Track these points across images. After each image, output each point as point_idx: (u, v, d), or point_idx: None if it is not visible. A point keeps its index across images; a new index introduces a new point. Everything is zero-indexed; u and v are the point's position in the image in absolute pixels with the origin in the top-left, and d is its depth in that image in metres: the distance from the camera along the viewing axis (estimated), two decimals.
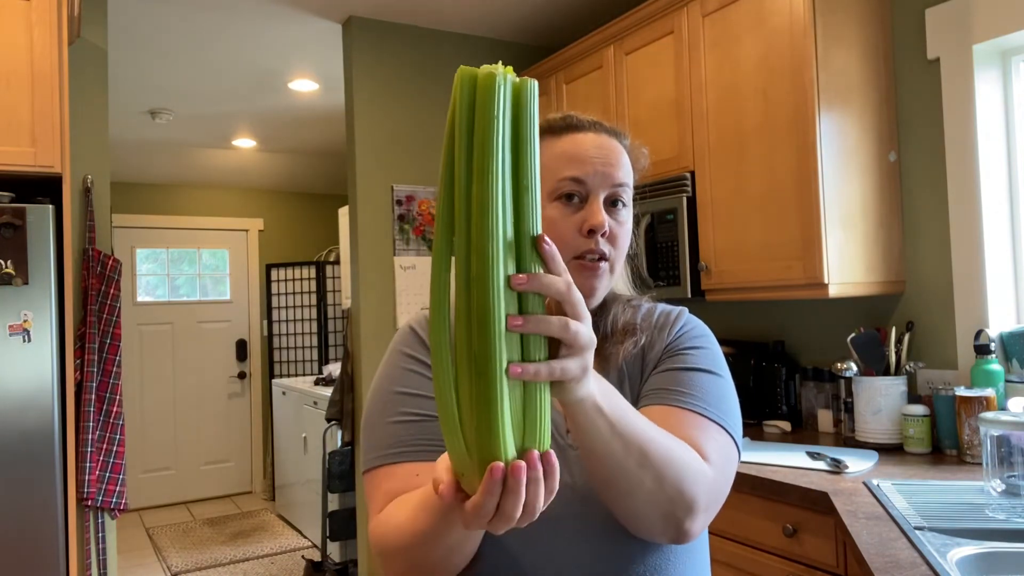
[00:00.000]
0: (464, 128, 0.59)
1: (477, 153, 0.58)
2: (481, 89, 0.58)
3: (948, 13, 2.09)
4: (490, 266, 0.56)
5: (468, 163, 0.58)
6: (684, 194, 2.42)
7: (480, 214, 0.57)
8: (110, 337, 2.59)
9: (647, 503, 0.75)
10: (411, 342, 0.94)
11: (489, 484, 0.56)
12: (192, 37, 3.31)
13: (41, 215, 2.08)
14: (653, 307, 1.00)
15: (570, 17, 3.29)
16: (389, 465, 0.86)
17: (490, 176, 0.57)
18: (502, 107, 0.58)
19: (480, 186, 0.57)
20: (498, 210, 0.57)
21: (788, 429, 2.39)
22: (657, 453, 0.73)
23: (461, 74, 0.59)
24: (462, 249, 0.58)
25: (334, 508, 3.86)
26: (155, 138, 4.88)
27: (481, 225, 0.57)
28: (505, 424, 0.55)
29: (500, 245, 0.57)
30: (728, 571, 1.93)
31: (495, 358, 0.55)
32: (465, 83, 0.59)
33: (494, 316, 0.56)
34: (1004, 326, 2.02)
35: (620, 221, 0.92)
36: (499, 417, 0.55)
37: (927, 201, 2.16)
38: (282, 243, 6.32)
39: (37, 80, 2.08)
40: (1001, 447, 1.53)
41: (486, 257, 0.56)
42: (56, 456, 2.07)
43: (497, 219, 0.57)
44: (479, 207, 0.57)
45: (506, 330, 0.56)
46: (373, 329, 3.17)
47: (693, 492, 0.76)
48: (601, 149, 0.92)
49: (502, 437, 0.55)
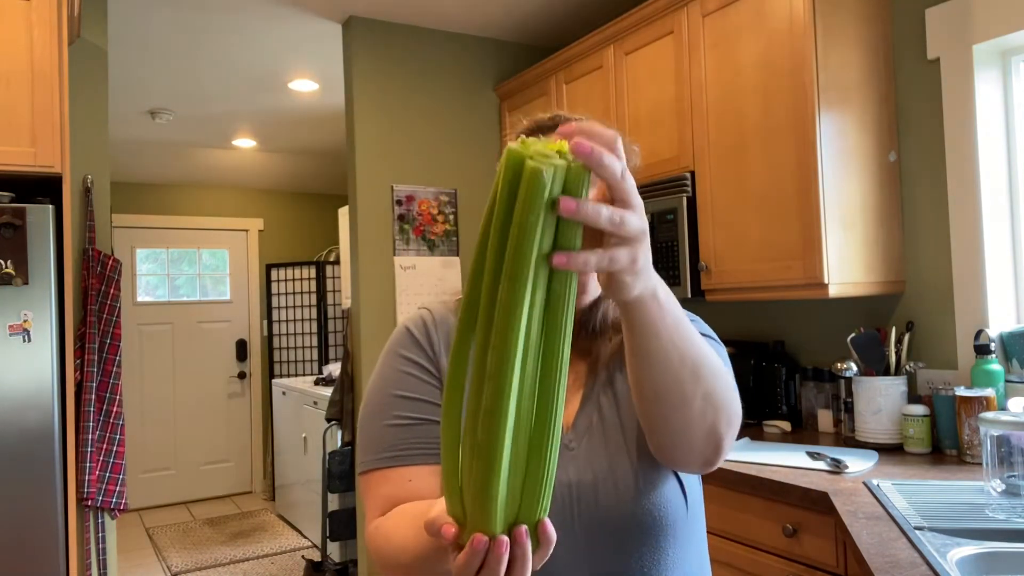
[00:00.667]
0: (501, 220, 0.55)
1: (511, 254, 0.54)
2: (526, 183, 0.53)
3: (948, 13, 2.09)
4: (506, 371, 0.55)
5: (498, 260, 0.56)
6: (684, 194, 2.42)
7: (503, 318, 0.55)
8: (110, 337, 2.59)
9: (695, 418, 0.74)
10: (407, 343, 0.93)
11: (470, 554, 0.58)
12: (192, 37, 3.31)
13: (41, 215, 2.08)
14: None
15: (570, 17, 3.29)
16: (384, 469, 0.87)
17: (520, 284, 0.54)
18: (545, 206, 0.54)
19: (508, 290, 0.55)
20: (523, 316, 0.55)
21: (788, 429, 2.39)
22: (708, 366, 0.73)
23: (508, 156, 0.55)
24: (481, 343, 0.57)
25: (334, 508, 3.86)
26: (155, 138, 4.88)
27: (503, 330, 0.55)
28: (497, 506, 0.56)
29: (519, 349, 0.55)
30: (728, 571, 1.93)
31: (497, 452, 0.56)
32: (510, 167, 0.54)
33: (502, 415, 0.55)
34: (1004, 326, 2.02)
35: None
36: (493, 500, 0.56)
37: (927, 201, 2.16)
38: (282, 243, 6.32)
39: (37, 80, 2.08)
40: (1001, 447, 1.53)
41: (503, 360, 0.55)
42: (56, 456, 2.07)
43: (519, 326, 0.55)
44: (503, 310, 0.55)
45: (513, 426, 0.56)
46: (373, 329, 3.17)
47: (733, 409, 0.77)
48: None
49: (493, 516, 0.56)
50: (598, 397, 0.92)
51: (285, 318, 5.79)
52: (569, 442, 0.89)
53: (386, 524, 0.82)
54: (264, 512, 5.39)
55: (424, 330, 0.94)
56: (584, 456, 0.87)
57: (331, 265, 5.70)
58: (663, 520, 0.86)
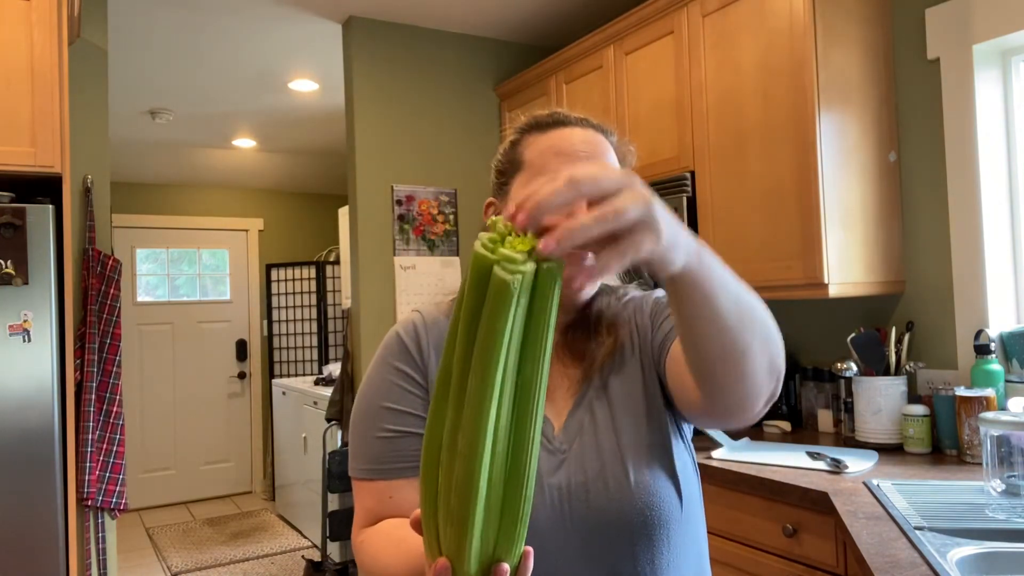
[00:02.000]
0: (468, 318, 0.55)
1: (478, 355, 0.54)
2: (492, 292, 0.53)
3: (948, 13, 2.09)
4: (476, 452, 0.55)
5: (467, 354, 0.55)
6: (684, 194, 2.42)
7: (473, 412, 0.55)
8: (110, 337, 2.59)
9: (758, 358, 0.71)
10: (398, 352, 0.94)
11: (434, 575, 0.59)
12: (192, 37, 3.31)
13: (41, 215, 2.08)
14: (638, 293, 1.02)
15: (570, 17, 3.29)
16: (368, 481, 0.90)
17: (488, 385, 0.54)
18: (513, 312, 0.53)
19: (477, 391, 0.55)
20: (490, 412, 0.55)
21: (788, 429, 2.39)
22: (755, 304, 0.70)
23: (475, 261, 0.54)
24: (452, 421, 0.57)
25: (334, 508, 3.86)
26: (155, 138, 4.88)
27: (472, 425, 0.55)
28: (472, 553, 0.57)
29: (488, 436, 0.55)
30: (728, 571, 1.93)
31: (468, 521, 0.56)
32: (477, 271, 0.54)
33: (473, 492, 0.56)
34: (1004, 326, 2.02)
35: None
36: (467, 546, 0.57)
37: (927, 201, 2.16)
38: (282, 243, 6.32)
39: (37, 80, 2.08)
40: (1001, 447, 1.53)
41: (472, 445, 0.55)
42: (56, 456, 2.07)
43: (487, 419, 0.55)
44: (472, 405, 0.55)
45: (484, 500, 0.57)
46: (373, 329, 3.17)
47: (780, 342, 0.74)
48: (587, 143, 0.93)
49: (466, 559, 0.57)
50: (591, 400, 0.92)
51: (285, 318, 5.79)
52: (560, 444, 0.89)
53: (371, 543, 0.87)
54: (264, 512, 5.39)
55: (414, 336, 0.95)
56: (575, 458, 0.88)
57: (331, 265, 5.70)
58: (657, 520, 0.86)
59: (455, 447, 0.57)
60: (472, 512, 0.56)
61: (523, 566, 0.61)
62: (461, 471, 0.57)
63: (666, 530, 0.87)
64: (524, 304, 0.54)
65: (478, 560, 0.58)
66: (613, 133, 0.98)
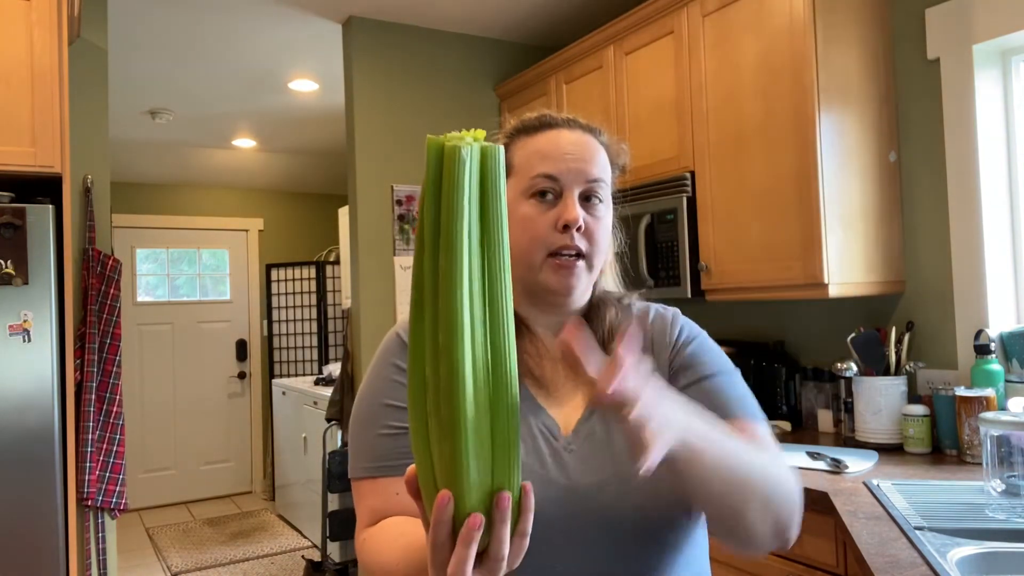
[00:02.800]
0: (431, 201, 0.59)
1: (444, 226, 0.58)
2: (447, 161, 0.59)
3: (948, 13, 2.09)
4: (457, 339, 0.57)
5: (435, 236, 0.59)
6: (684, 194, 2.42)
7: (447, 288, 0.58)
8: (110, 337, 2.59)
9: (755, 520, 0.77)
10: (398, 351, 0.94)
11: (436, 513, 0.57)
12: (192, 37, 3.31)
13: (41, 215, 2.08)
14: (646, 307, 1.01)
15: (570, 17, 3.29)
16: (373, 479, 0.89)
17: (456, 250, 0.58)
18: (467, 180, 0.59)
19: (446, 260, 0.58)
20: (463, 284, 0.58)
21: (788, 429, 2.39)
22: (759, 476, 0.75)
23: (428, 144, 0.60)
24: (430, 321, 0.59)
25: (334, 508, 3.86)
26: (155, 138, 4.88)
27: (448, 300, 0.58)
28: (470, 482, 0.57)
29: (466, 319, 0.58)
30: (728, 571, 1.93)
31: (460, 426, 0.57)
32: (433, 153, 0.60)
33: (459, 388, 0.57)
34: (1004, 326, 2.02)
35: (596, 216, 0.91)
36: (463, 475, 0.57)
37: (927, 201, 2.16)
38: (282, 243, 6.32)
39: (37, 80, 2.08)
40: (1001, 447, 1.53)
41: (453, 330, 0.57)
42: (56, 456, 2.07)
43: (462, 294, 0.58)
44: (446, 281, 0.58)
45: (473, 404, 0.58)
46: (373, 329, 3.17)
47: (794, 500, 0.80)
48: (575, 145, 0.92)
49: (465, 492, 0.57)
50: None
51: (285, 318, 5.79)
52: (568, 444, 0.89)
53: (374, 540, 0.84)
54: (264, 512, 5.39)
55: None
56: (583, 460, 0.87)
57: (331, 265, 5.70)
58: (664, 522, 0.86)
59: (437, 349, 0.58)
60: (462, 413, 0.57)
61: (524, 500, 0.60)
62: (445, 370, 0.57)
63: (672, 531, 0.87)
64: (476, 175, 0.59)
65: (479, 487, 0.58)
66: (603, 133, 0.98)
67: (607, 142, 0.97)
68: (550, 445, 0.88)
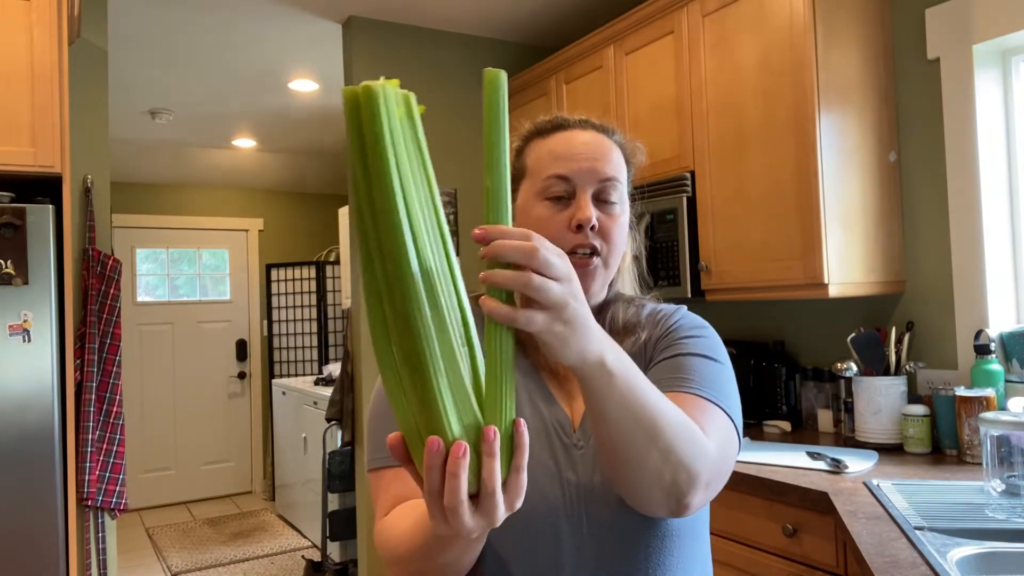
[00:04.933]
0: (356, 142, 0.59)
1: (371, 162, 0.58)
2: (363, 99, 0.59)
3: (948, 13, 2.09)
4: (401, 263, 0.57)
5: (365, 175, 0.59)
6: (684, 194, 2.42)
7: (385, 219, 0.57)
8: (110, 337, 2.59)
9: (652, 476, 0.74)
10: None
11: (427, 459, 0.56)
12: (192, 37, 3.31)
13: (41, 215, 2.08)
14: (656, 307, 1.01)
15: (570, 17, 3.29)
16: (396, 468, 0.87)
17: (387, 181, 0.58)
18: (386, 116, 0.59)
19: (380, 194, 0.58)
20: (400, 212, 0.57)
21: (788, 429, 2.39)
22: (667, 427, 0.72)
23: (344, 95, 0.60)
24: (379, 261, 0.58)
25: (334, 508, 3.86)
26: (155, 138, 4.88)
27: (389, 229, 0.57)
28: (448, 414, 0.56)
29: (407, 241, 0.57)
30: (728, 571, 1.93)
31: (425, 353, 0.56)
32: (348, 102, 0.59)
33: (414, 312, 0.57)
34: (1004, 326, 2.02)
35: (611, 215, 0.91)
36: (440, 408, 0.56)
37: (927, 201, 2.16)
38: (282, 243, 6.32)
39: (37, 80, 2.08)
40: (1001, 447, 1.53)
41: (396, 257, 0.57)
42: (56, 456, 2.07)
43: (399, 217, 0.57)
44: (383, 214, 0.57)
45: (432, 325, 0.57)
46: None
47: (697, 467, 0.75)
48: (588, 145, 0.92)
49: (443, 417, 0.56)
50: None
51: (285, 318, 5.79)
52: (577, 441, 0.89)
53: (391, 519, 0.83)
54: (264, 512, 5.39)
55: None
56: (592, 457, 0.87)
57: (331, 265, 5.70)
58: (670, 523, 0.86)
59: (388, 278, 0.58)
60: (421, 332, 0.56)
61: (518, 435, 0.59)
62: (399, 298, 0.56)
63: (678, 532, 0.87)
64: (393, 113, 0.59)
65: (456, 418, 0.57)
66: (616, 132, 0.98)
67: (621, 141, 0.97)
68: (561, 441, 0.88)
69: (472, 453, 0.57)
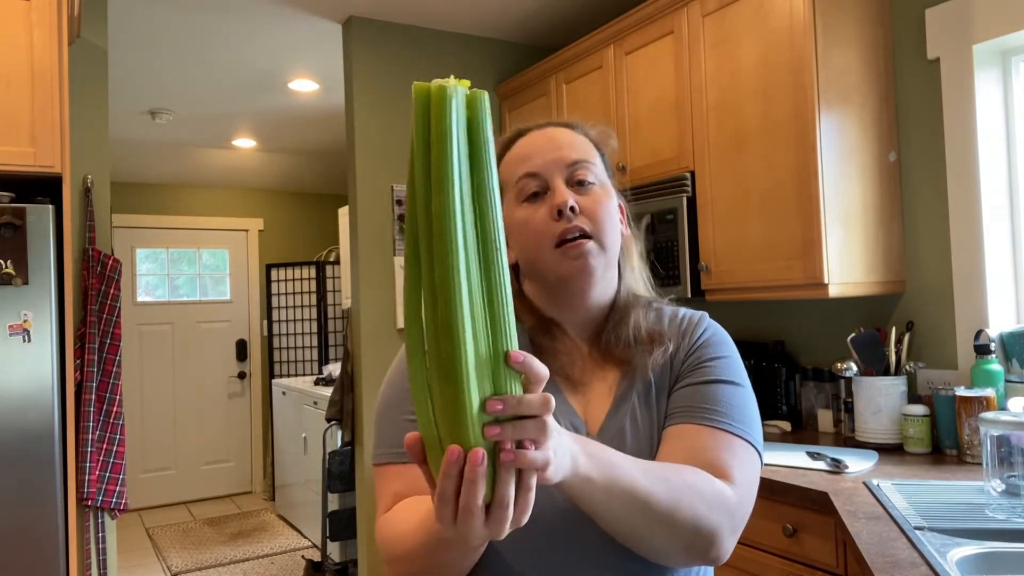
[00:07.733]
0: (421, 142, 0.60)
1: (434, 166, 0.59)
2: (435, 103, 0.59)
3: (948, 13, 2.09)
4: (452, 273, 0.57)
5: (426, 176, 0.59)
6: (684, 194, 2.42)
7: (440, 225, 0.58)
8: (110, 337, 2.59)
9: (666, 545, 0.76)
10: None
11: (446, 466, 0.56)
12: (192, 37, 3.31)
13: (41, 215, 2.08)
14: (676, 311, 1.00)
15: (570, 17, 3.29)
16: (399, 464, 0.87)
17: (447, 186, 0.58)
18: (455, 118, 0.59)
19: (439, 197, 0.58)
20: (456, 219, 0.58)
21: (788, 429, 2.39)
22: (662, 502, 0.73)
23: (415, 90, 0.60)
24: (426, 259, 0.59)
25: (334, 508, 3.86)
26: (155, 138, 4.87)
27: (442, 235, 0.58)
28: (473, 425, 0.57)
29: (461, 253, 0.58)
30: (728, 571, 1.93)
31: (461, 362, 0.57)
32: (420, 99, 0.60)
33: (459, 322, 0.57)
34: (1004, 326, 2.02)
35: (590, 194, 0.91)
36: (467, 418, 0.57)
37: (927, 201, 2.16)
38: (282, 243, 6.32)
39: (37, 80, 2.08)
40: (1001, 447, 1.53)
41: (448, 265, 0.57)
42: (56, 456, 2.07)
43: (456, 228, 0.58)
44: (439, 218, 0.58)
45: (472, 336, 0.57)
46: (373, 329, 3.17)
47: (710, 523, 0.77)
48: (550, 140, 0.94)
49: (467, 428, 0.57)
50: (632, 405, 0.91)
51: (285, 318, 5.79)
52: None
53: (392, 517, 0.83)
54: (264, 512, 5.39)
55: None
56: None
57: (331, 265, 5.70)
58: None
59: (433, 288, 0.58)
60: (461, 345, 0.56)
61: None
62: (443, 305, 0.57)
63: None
64: (463, 115, 0.60)
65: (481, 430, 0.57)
66: (579, 124, 0.99)
67: (586, 130, 0.98)
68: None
69: (489, 464, 0.57)
